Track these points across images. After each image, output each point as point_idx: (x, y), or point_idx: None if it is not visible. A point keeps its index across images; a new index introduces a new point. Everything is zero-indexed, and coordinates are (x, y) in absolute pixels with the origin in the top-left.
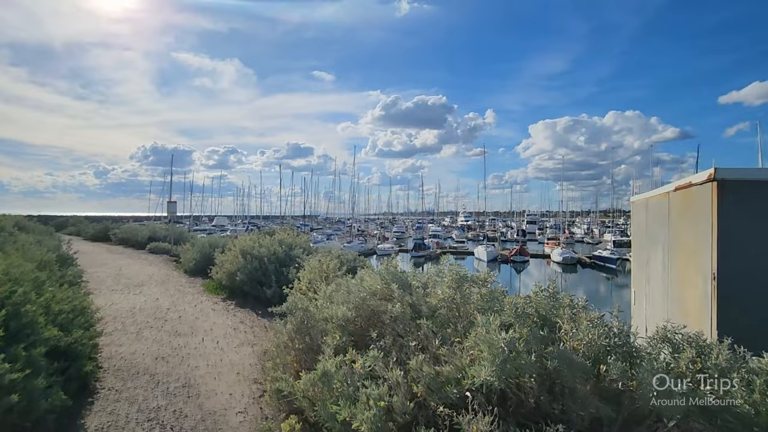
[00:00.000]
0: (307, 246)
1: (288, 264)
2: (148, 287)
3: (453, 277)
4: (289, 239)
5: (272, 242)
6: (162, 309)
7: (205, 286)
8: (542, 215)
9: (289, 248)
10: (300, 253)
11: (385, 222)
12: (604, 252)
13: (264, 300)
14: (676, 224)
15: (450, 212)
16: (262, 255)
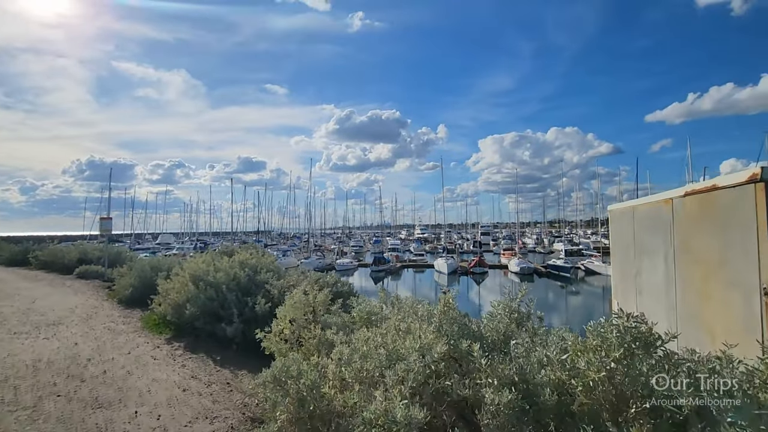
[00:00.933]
0: (276, 268)
1: (253, 292)
2: (66, 326)
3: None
4: (253, 260)
5: (232, 265)
6: (80, 360)
7: (144, 322)
8: (494, 226)
9: (254, 272)
10: (269, 277)
11: (342, 236)
12: (558, 261)
13: (223, 339)
14: (688, 233)
15: (406, 225)
16: (219, 282)
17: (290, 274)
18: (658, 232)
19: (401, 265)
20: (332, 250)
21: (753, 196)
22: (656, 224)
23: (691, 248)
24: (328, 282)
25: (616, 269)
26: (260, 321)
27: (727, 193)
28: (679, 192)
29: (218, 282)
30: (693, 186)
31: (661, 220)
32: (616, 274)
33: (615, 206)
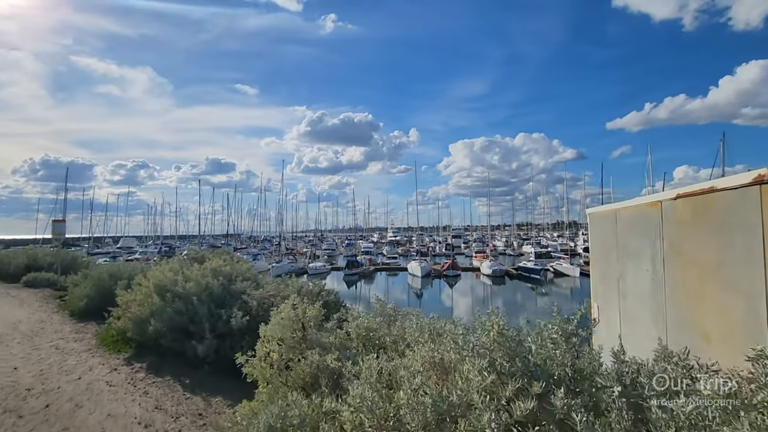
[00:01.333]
0: (254, 276)
1: (228, 303)
2: (5, 346)
3: None
4: (227, 267)
5: (203, 273)
6: (19, 389)
7: (100, 339)
8: (465, 229)
9: (229, 280)
10: (246, 286)
11: (314, 239)
12: (529, 263)
13: (193, 359)
14: (680, 235)
15: (379, 228)
16: (189, 292)
17: (269, 282)
18: (645, 234)
19: (374, 268)
20: (304, 253)
21: (758, 198)
22: (642, 227)
23: (684, 250)
24: (313, 291)
25: (597, 273)
26: (236, 336)
27: (727, 195)
28: (668, 194)
29: (188, 293)
30: (686, 188)
31: (648, 223)
32: (597, 278)
33: (595, 209)
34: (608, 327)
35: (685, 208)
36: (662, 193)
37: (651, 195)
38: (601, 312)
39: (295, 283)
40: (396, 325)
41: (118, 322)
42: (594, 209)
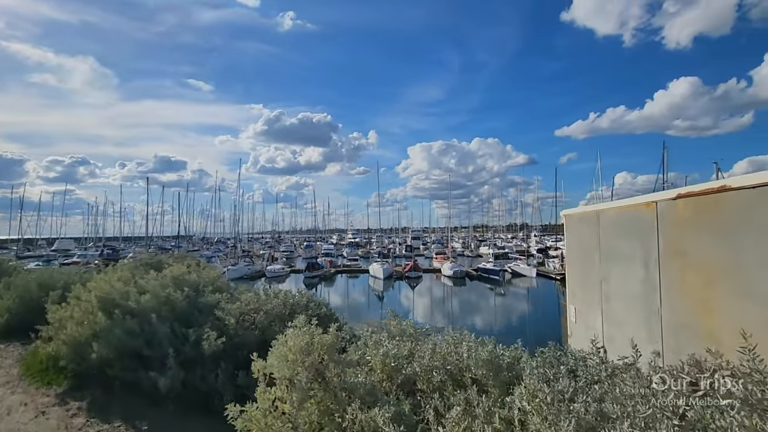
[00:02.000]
0: (226, 286)
1: (197, 321)
2: None
3: None
4: (192, 276)
5: (163, 283)
6: None
7: (25, 367)
8: (423, 231)
9: (196, 292)
10: (219, 299)
11: (272, 241)
12: (488, 265)
13: (151, 394)
14: (682, 236)
15: (338, 230)
16: (145, 307)
17: (243, 292)
18: (636, 236)
19: (335, 270)
20: (261, 255)
21: None
22: (633, 228)
23: (686, 252)
24: (299, 302)
25: (574, 275)
26: (209, 363)
27: (740, 195)
28: (666, 194)
29: (144, 308)
30: (689, 188)
31: (641, 224)
32: (574, 281)
33: (571, 211)
34: (587, 329)
35: (687, 209)
36: (658, 193)
37: (643, 195)
38: (578, 314)
39: (283, 295)
40: (423, 349)
41: (49, 345)
42: (571, 210)
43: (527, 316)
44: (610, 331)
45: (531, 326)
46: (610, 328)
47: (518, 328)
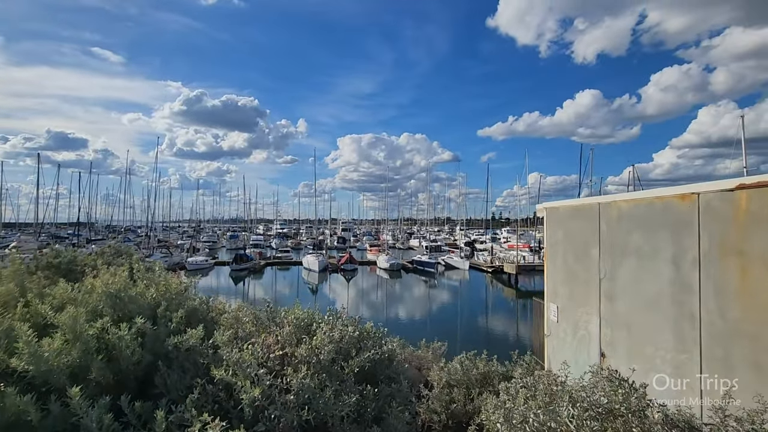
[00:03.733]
0: (203, 307)
1: (169, 390)
2: None
3: None
4: (147, 293)
5: (84, 300)
6: None
7: None
8: (351, 223)
9: (154, 323)
10: (209, 338)
11: (191, 230)
12: (423, 257)
13: None
14: (744, 234)
15: (264, 220)
16: (50, 369)
17: (226, 307)
18: (661, 231)
19: (265, 262)
20: (179, 246)
21: None
22: (657, 223)
23: (748, 252)
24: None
25: (557, 271)
26: None
27: None
28: (716, 185)
29: (48, 370)
30: (755, 177)
31: (671, 218)
32: (558, 277)
33: (554, 204)
34: (575, 330)
35: (754, 202)
36: (697, 184)
37: (678, 187)
38: (561, 313)
39: (298, 310)
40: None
41: None
42: (553, 203)
43: (465, 308)
44: (612, 335)
45: (469, 318)
46: (612, 331)
47: (455, 319)
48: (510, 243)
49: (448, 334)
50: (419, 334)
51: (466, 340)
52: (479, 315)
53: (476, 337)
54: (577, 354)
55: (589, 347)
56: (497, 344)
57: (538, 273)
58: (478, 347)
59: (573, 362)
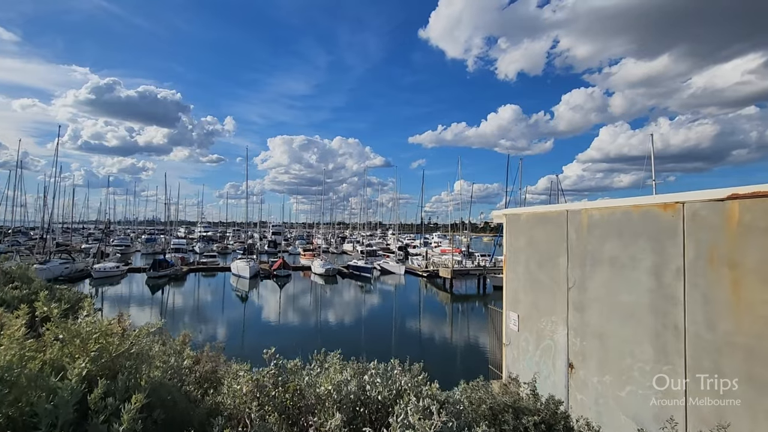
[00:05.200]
0: (171, 372)
1: None
2: None
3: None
4: (51, 353)
5: None
6: None
7: None
8: (283, 226)
9: (84, 409)
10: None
11: (97, 233)
12: (359, 262)
13: None
14: (737, 245)
15: (186, 222)
16: None
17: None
18: (641, 240)
19: (188, 268)
20: (85, 250)
21: None
22: (637, 231)
23: (742, 263)
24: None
25: (519, 279)
26: None
27: None
28: (703, 194)
29: None
30: (751, 188)
31: (652, 227)
32: (518, 285)
33: (514, 210)
34: (539, 339)
35: (749, 212)
36: (685, 192)
37: (659, 195)
38: (523, 322)
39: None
40: None
41: None
42: (514, 210)
43: (403, 313)
44: (582, 345)
45: (408, 323)
46: (582, 341)
47: (394, 325)
48: (442, 247)
49: (388, 341)
50: (359, 343)
51: (408, 347)
52: (418, 320)
53: (417, 343)
54: (540, 364)
55: (555, 357)
56: (440, 350)
57: (472, 277)
58: (422, 354)
59: (535, 372)
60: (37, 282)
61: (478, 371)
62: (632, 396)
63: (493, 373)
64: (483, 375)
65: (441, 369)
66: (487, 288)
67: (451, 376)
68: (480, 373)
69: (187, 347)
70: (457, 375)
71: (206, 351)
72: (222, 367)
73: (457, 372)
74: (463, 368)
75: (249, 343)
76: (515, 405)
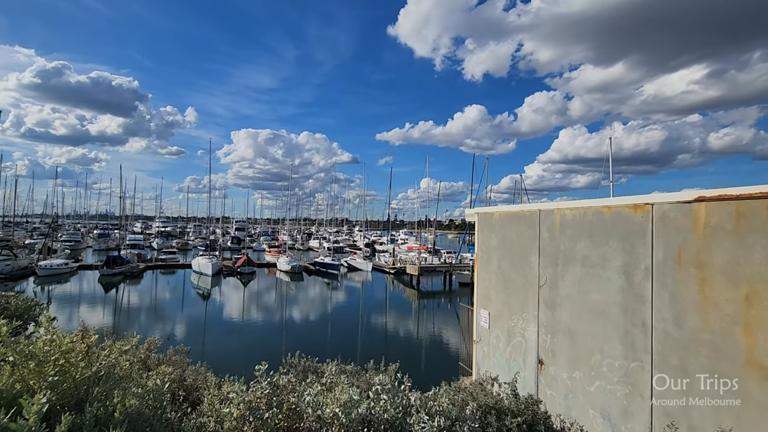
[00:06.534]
0: (152, 397)
1: None
2: None
3: None
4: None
5: None
6: None
7: None
8: (247, 222)
9: None
10: None
11: (43, 227)
12: (326, 259)
13: None
14: (704, 246)
15: (142, 216)
16: None
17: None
18: (611, 240)
19: (146, 266)
20: (28, 246)
21: None
22: (608, 232)
23: (709, 264)
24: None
25: (490, 277)
26: None
27: None
28: (670, 197)
29: None
30: (718, 190)
31: (622, 228)
32: (489, 283)
33: (486, 209)
34: (509, 336)
35: (715, 214)
36: (653, 194)
37: (630, 197)
38: (494, 320)
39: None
40: None
41: None
42: (486, 209)
43: (370, 310)
44: (552, 342)
45: (375, 320)
46: (552, 338)
47: (362, 322)
48: (409, 244)
49: (356, 339)
50: (326, 341)
51: (376, 344)
52: (385, 317)
53: (385, 340)
54: (510, 361)
55: (525, 354)
56: (408, 347)
57: (438, 274)
58: (390, 351)
59: (505, 369)
60: None
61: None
62: (601, 391)
63: (462, 369)
64: (453, 372)
65: (411, 366)
66: (453, 285)
67: (421, 373)
68: (449, 369)
69: (151, 354)
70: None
71: (170, 355)
72: (190, 375)
73: (427, 369)
74: (432, 365)
75: (211, 342)
76: (497, 406)
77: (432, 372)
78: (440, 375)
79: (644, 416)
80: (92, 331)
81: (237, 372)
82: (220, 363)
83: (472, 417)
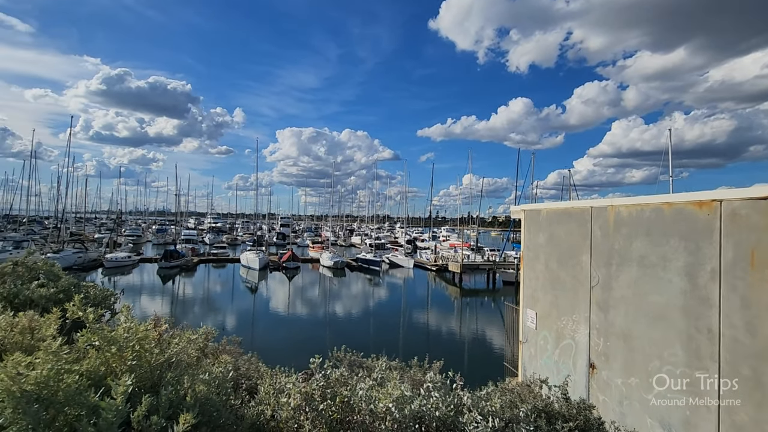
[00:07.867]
0: (222, 384)
1: None
2: None
3: None
4: (88, 363)
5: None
6: None
7: None
8: (292, 218)
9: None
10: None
11: (110, 223)
12: (368, 255)
13: None
14: None
15: (195, 213)
16: None
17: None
18: (672, 239)
19: (199, 259)
20: (98, 240)
21: None
22: (668, 230)
23: None
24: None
25: (537, 277)
26: None
27: None
28: (746, 192)
29: None
30: None
31: (686, 226)
32: (537, 283)
33: (535, 206)
34: (558, 338)
35: None
36: (721, 190)
37: (693, 193)
38: (541, 320)
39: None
40: None
41: None
42: (535, 205)
43: (412, 307)
44: (605, 345)
45: (417, 317)
46: (605, 341)
47: (404, 319)
48: (451, 242)
49: (397, 335)
50: (368, 336)
51: (418, 341)
52: (427, 314)
53: (427, 338)
54: (559, 363)
55: (575, 357)
56: (450, 345)
57: (481, 272)
58: (432, 349)
59: (554, 371)
60: (65, 279)
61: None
62: (660, 399)
63: (508, 370)
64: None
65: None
66: (497, 283)
67: (465, 372)
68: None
69: (208, 343)
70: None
71: (224, 344)
72: (243, 364)
73: (470, 368)
74: (475, 364)
75: (260, 334)
76: (546, 409)
77: (476, 371)
78: (484, 375)
79: (710, 428)
80: (163, 321)
81: (285, 363)
82: (269, 353)
83: (527, 420)
